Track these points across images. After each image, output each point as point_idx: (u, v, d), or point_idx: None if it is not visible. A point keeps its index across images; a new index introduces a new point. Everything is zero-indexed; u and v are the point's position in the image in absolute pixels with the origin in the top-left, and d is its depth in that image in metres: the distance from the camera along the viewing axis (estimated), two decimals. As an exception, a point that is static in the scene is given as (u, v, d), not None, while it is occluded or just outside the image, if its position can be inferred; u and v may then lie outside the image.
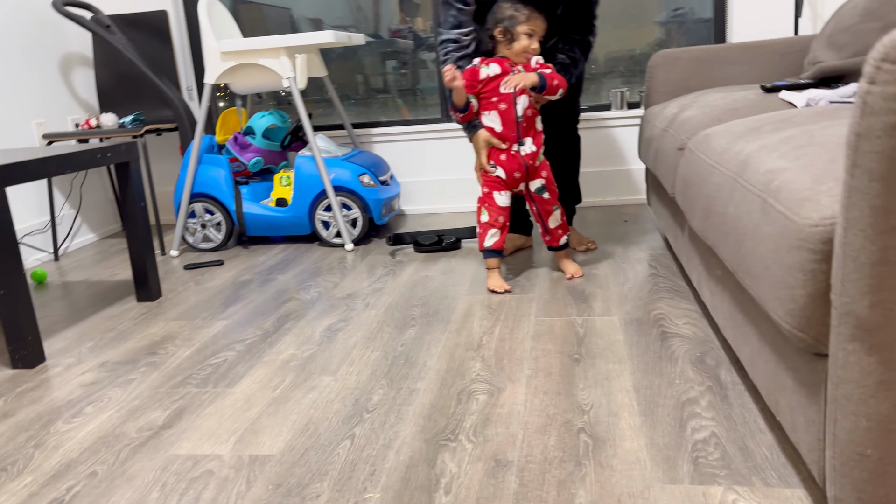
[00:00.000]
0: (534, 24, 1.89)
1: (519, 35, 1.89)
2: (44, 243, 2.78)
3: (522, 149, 1.94)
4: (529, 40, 1.89)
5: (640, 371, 1.39)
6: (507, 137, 1.93)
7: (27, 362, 1.66)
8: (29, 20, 2.76)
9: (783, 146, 1.05)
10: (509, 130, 1.92)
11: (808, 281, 0.79)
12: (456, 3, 1.96)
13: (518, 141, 1.93)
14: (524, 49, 1.90)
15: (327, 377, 1.49)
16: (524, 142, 1.94)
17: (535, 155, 1.95)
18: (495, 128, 1.93)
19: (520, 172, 1.96)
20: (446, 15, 1.98)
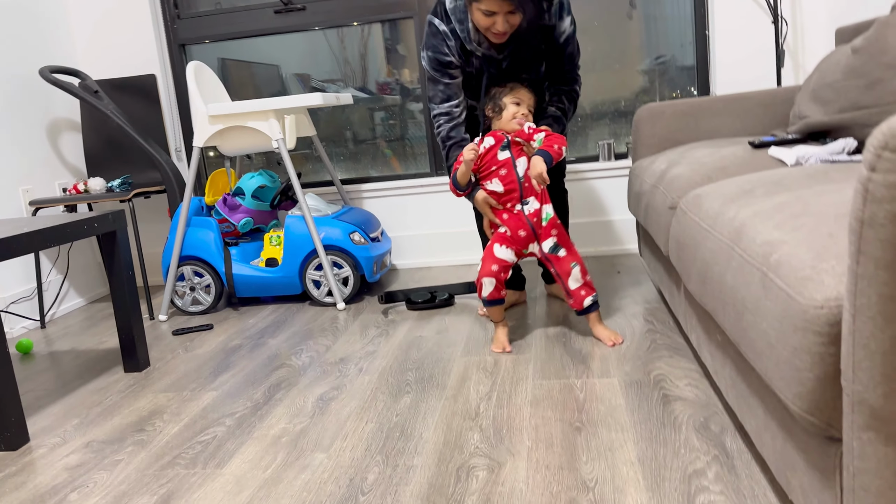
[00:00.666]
0: (517, 93, 1.93)
1: (505, 104, 1.93)
2: (30, 311, 2.73)
3: (526, 208, 1.93)
4: (517, 108, 1.92)
5: (643, 440, 1.35)
6: (510, 199, 1.93)
7: (10, 444, 1.60)
8: (15, 86, 2.77)
9: (778, 214, 1.04)
10: (512, 192, 1.92)
11: (815, 364, 0.77)
12: (442, 79, 1.99)
13: (521, 201, 1.93)
14: (512, 115, 1.92)
15: (320, 454, 1.44)
16: (527, 201, 1.93)
17: (539, 213, 1.93)
18: (497, 190, 1.93)
19: (524, 231, 1.94)
20: (435, 90, 2.01)
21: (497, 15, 1.78)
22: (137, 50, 3.11)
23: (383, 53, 3.16)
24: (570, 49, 1.99)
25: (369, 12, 3.04)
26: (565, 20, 1.93)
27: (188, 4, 3.17)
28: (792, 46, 2.72)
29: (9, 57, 2.74)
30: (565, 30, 1.94)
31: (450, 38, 1.94)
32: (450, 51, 1.95)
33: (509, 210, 1.94)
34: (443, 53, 1.95)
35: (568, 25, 1.94)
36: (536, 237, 1.94)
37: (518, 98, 1.93)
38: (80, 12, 3.10)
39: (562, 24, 1.93)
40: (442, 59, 1.96)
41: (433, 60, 1.97)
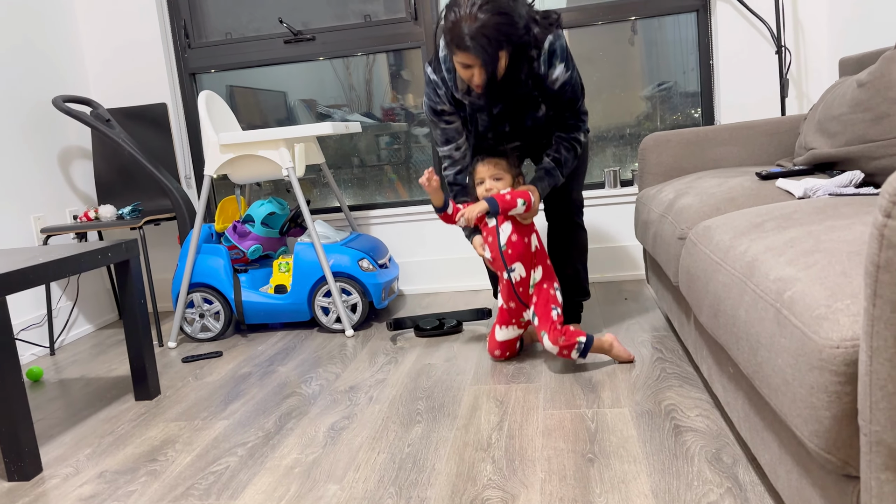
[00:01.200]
0: (479, 172, 1.98)
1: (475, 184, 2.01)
2: (40, 337, 2.74)
3: (512, 275, 1.96)
4: (481, 186, 1.98)
5: (656, 472, 1.36)
6: (497, 267, 1.98)
7: (23, 475, 1.61)
8: (28, 115, 2.81)
9: (790, 250, 1.06)
10: (496, 259, 1.97)
11: (832, 403, 0.78)
12: (439, 124, 2.02)
13: (505, 268, 1.96)
14: (483, 196, 1.98)
15: (333, 485, 1.44)
16: (513, 268, 1.95)
17: (525, 282, 1.96)
18: (488, 257, 2.01)
19: (514, 303, 1.99)
20: (435, 134, 2.06)
21: (473, 67, 1.78)
22: (149, 79, 3.15)
23: (388, 80, 3.21)
24: (568, 95, 1.94)
25: (378, 42, 3.08)
26: (557, 68, 1.87)
27: (198, 34, 3.23)
28: (795, 76, 2.76)
29: (24, 86, 2.79)
30: (558, 77, 1.88)
31: (440, 86, 1.96)
32: (440, 99, 1.97)
33: (501, 279, 1.99)
34: (435, 102, 1.99)
35: (562, 73, 1.88)
36: (526, 305, 1.99)
37: (482, 176, 1.98)
38: (92, 42, 3.16)
39: (553, 72, 1.87)
40: (435, 108, 2.00)
41: (428, 108, 2.02)
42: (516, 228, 1.94)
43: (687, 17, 2.92)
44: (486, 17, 1.67)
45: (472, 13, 1.68)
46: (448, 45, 1.77)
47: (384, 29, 3.07)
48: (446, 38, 1.75)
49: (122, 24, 3.12)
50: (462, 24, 1.69)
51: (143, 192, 3.05)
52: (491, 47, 1.70)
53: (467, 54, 1.73)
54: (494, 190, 1.96)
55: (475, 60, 1.74)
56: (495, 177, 1.97)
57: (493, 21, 1.67)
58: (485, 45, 1.69)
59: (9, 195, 2.67)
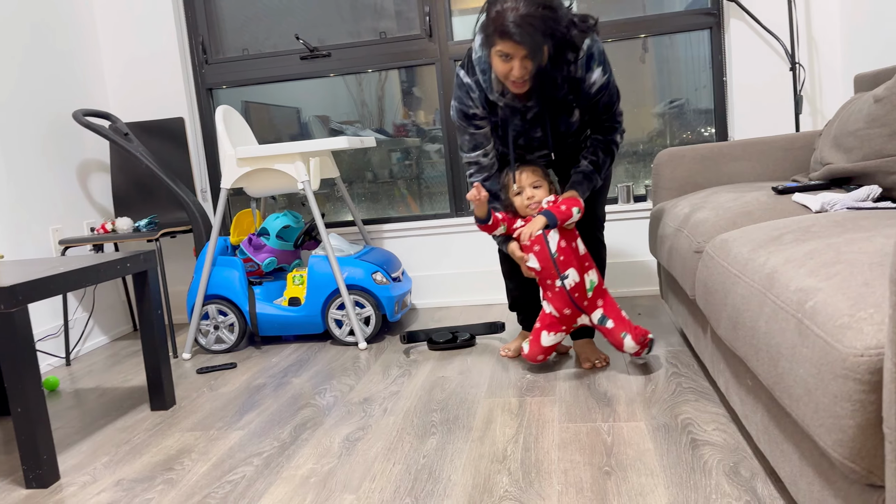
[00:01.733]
0: (523, 179, 2.00)
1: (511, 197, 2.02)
2: (56, 348, 2.76)
3: (566, 282, 1.94)
4: (520, 197, 2.00)
5: (674, 485, 1.35)
6: (548, 276, 1.96)
7: (41, 482, 1.62)
8: (48, 129, 2.85)
9: (810, 262, 1.06)
10: (547, 268, 1.95)
11: (856, 411, 0.78)
12: (468, 129, 2.00)
13: (559, 276, 1.94)
14: (521, 207, 2.00)
15: (349, 495, 1.45)
16: (566, 275, 1.94)
17: (581, 286, 1.95)
18: (536, 268, 1.97)
19: (570, 309, 1.98)
20: (462, 139, 2.04)
21: (513, 59, 1.77)
22: (166, 94, 3.20)
23: (400, 96, 3.24)
24: (605, 99, 1.95)
25: (393, 59, 3.12)
26: (595, 71, 1.87)
27: (216, 50, 3.27)
28: (809, 92, 2.77)
29: (44, 100, 2.83)
30: (595, 81, 1.88)
31: (473, 90, 1.95)
32: (473, 102, 1.96)
33: (551, 287, 1.97)
34: (467, 105, 1.97)
35: (599, 76, 1.88)
36: (583, 311, 1.98)
37: (521, 184, 1.99)
38: (112, 57, 3.21)
39: (591, 76, 1.88)
40: (467, 112, 1.98)
41: (459, 112, 1.99)
42: (563, 234, 1.94)
43: (699, 35, 2.94)
44: (532, 8, 1.69)
45: (517, 4, 1.70)
46: (489, 37, 1.76)
47: (399, 46, 3.10)
48: (489, 29, 1.75)
49: (141, 39, 3.18)
50: (507, 13, 1.70)
51: (159, 204, 3.08)
52: (536, 35, 1.70)
53: (511, 42, 1.72)
54: (536, 198, 1.97)
55: (518, 49, 1.73)
56: (535, 184, 1.98)
57: (539, 12, 1.69)
58: (530, 32, 1.69)
59: (28, 207, 2.70)
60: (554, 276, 1.95)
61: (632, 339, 1.94)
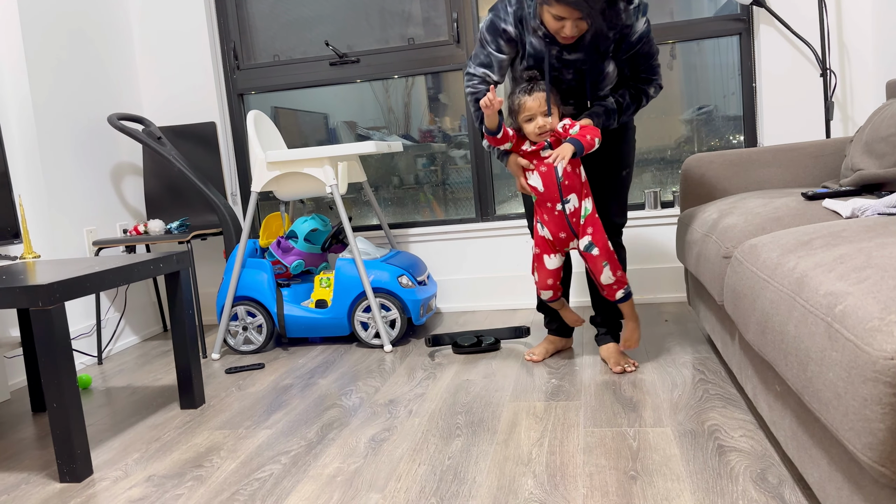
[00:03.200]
0: (533, 105, 1.91)
1: (521, 122, 1.96)
2: (88, 347, 2.82)
3: (567, 206, 1.97)
4: (531, 123, 1.93)
5: (700, 490, 1.35)
6: (550, 198, 1.98)
7: (75, 476, 1.66)
8: (84, 132, 2.92)
9: (840, 266, 1.05)
10: (551, 191, 1.97)
11: (886, 415, 0.77)
12: (490, 45, 1.96)
13: (561, 200, 1.97)
14: (531, 133, 1.95)
15: (375, 495, 1.46)
16: (568, 199, 1.97)
17: (578, 212, 1.98)
18: (538, 187, 1.99)
19: (564, 232, 2.00)
20: (479, 51, 1.99)
21: (566, 20, 1.74)
22: (199, 99, 3.26)
23: (426, 102, 3.26)
24: (644, 49, 1.93)
25: (421, 65, 3.15)
26: (640, 21, 1.87)
27: (247, 56, 3.33)
28: (840, 99, 2.73)
29: (80, 105, 2.91)
30: (639, 30, 1.88)
31: (512, 3, 1.90)
32: (508, 16, 1.90)
33: (549, 210, 1.99)
34: (501, 18, 1.91)
35: (642, 26, 1.88)
36: (576, 235, 2.00)
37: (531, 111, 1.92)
38: (146, 63, 3.28)
39: (637, 24, 1.87)
40: (497, 25, 1.92)
41: (489, 23, 1.93)
42: (570, 160, 1.92)
43: (728, 41, 2.92)
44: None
45: None
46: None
47: (427, 52, 3.13)
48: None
49: (175, 46, 3.24)
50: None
51: (190, 207, 3.13)
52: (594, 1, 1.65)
53: (567, 8, 1.69)
54: (547, 126, 1.92)
55: (574, 14, 1.70)
56: (545, 112, 1.93)
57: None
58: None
59: (64, 208, 2.77)
60: (556, 200, 1.96)
61: (610, 270, 1.98)
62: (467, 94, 2.06)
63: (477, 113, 2.04)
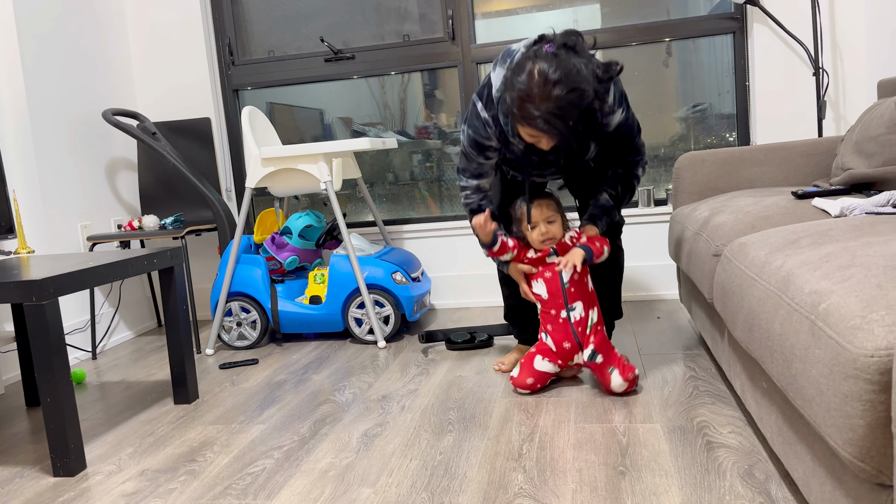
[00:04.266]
0: (538, 214, 1.88)
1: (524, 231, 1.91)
2: (82, 342, 2.83)
3: (572, 315, 1.87)
4: (535, 230, 1.89)
5: (688, 486, 1.36)
6: (554, 305, 1.89)
7: (68, 470, 1.67)
8: (78, 127, 2.92)
9: (825, 264, 1.07)
10: (556, 298, 1.88)
11: (866, 411, 0.79)
12: (477, 158, 1.91)
13: (566, 307, 1.88)
14: (535, 241, 1.90)
15: (367, 489, 1.47)
16: (574, 307, 1.87)
17: (584, 322, 1.88)
18: (542, 295, 1.90)
19: (569, 343, 1.88)
20: (467, 165, 1.94)
21: (542, 136, 1.69)
22: (194, 94, 3.26)
23: (422, 98, 3.27)
24: (625, 132, 1.86)
25: (416, 61, 3.15)
26: (616, 115, 1.80)
27: (242, 52, 3.33)
28: (833, 98, 2.75)
29: (75, 100, 2.90)
30: (615, 122, 1.81)
31: (490, 125, 1.84)
32: (489, 135, 1.86)
33: (553, 318, 1.89)
34: (482, 137, 1.86)
35: (619, 116, 1.81)
36: (580, 346, 1.89)
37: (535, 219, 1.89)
38: (141, 58, 3.28)
39: (612, 119, 1.80)
40: (482, 143, 1.88)
41: (472, 140, 1.88)
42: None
43: (723, 39, 2.94)
44: (559, 95, 1.56)
45: (545, 92, 1.56)
46: (513, 117, 1.67)
47: (422, 48, 3.14)
48: (513, 108, 1.64)
49: (170, 41, 3.24)
50: (533, 102, 1.59)
51: (185, 203, 3.14)
52: (563, 123, 1.59)
53: (536, 131, 1.65)
54: (550, 233, 1.89)
55: (545, 137, 1.68)
56: (549, 220, 1.90)
57: (567, 99, 1.56)
58: (558, 125, 1.59)
59: (58, 203, 2.78)
60: (560, 307, 1.88)
61: (619, 375, 1.84)
62: (464, 205, 2.02)
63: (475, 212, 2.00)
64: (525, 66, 1.60)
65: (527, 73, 1.59)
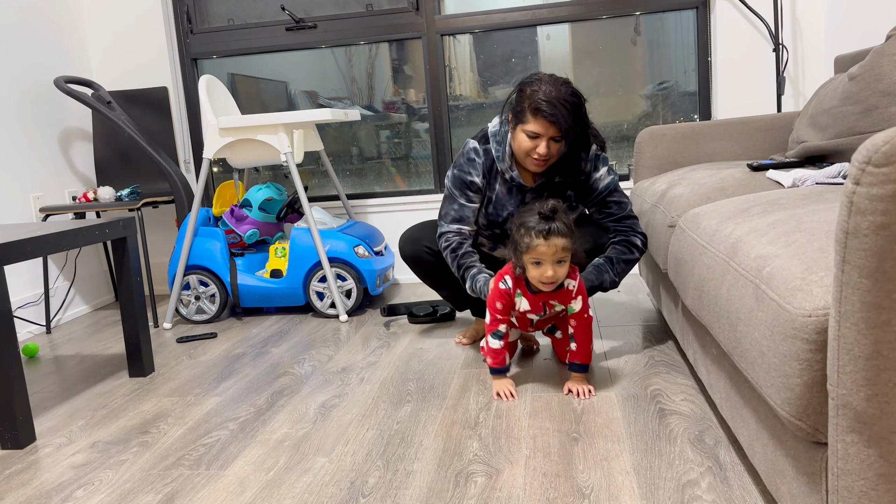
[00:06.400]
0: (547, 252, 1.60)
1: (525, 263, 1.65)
2: (36, 316, 2.76)
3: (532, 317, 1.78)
4: (539, 269, 1.62)
5: (639, 451, 1.38)
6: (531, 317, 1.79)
7: (17, 443, 1.63)
8: (30, 95, 2.83)
9: (772, 231, 1.08)
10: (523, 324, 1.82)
11: (803, 370, 0.80)
12: (459, 199, 1.95)
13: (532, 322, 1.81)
14: (534, 278, 1.65)
15: (322, 458, 1.47)
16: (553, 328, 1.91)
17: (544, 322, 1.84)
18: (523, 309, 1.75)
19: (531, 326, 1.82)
20: (448, 209, 1.97)
21: (541, 138, 1.78)
22: (150, 62, 3.17)
23: (390, 73, 3.23)
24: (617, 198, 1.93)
25: (379, 32, 3.11)
26: (601, 170, 1.92)
27: (201, 20, 3.25)
28: (792, 74, 2.78)
29: (25, 66, 2.81)
30: (602, 177, 1.92)
31: (480, 155, 1.92)
32: (475, 169, 1.92)
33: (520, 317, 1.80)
34: (467, 172, 1.92)
35: (606, 174, 1.92)
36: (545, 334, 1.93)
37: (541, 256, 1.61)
38: (95, 24, 3.18)
39: (597, 173, 1.92)
40: (465, 178, 1.93)
41: (456, 178, 1.94)
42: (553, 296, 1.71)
43: (688, 16, 2.94)
44: (569, 94, 1.76)
45: (557, 88, 1.76)
46: (520, 115, 1.79)
47: (386, 19, 3.09)
48: (525, 103, 1.77)
49: (126, 6, 3.14)
50: (542, 94, 1.75)
51: (141, 174, 3.07)
52: (571, 119, 1.75)
53: (544, 121, 1.75)
54: (555, 277, 1.61)
55: (552, 128, 1.76)
56: (559, 259, 1.62)
57: (575, 100, 1.77)
58: (566, 116, 1.74)
59: (9, 174, 2.69)
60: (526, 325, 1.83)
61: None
62: (442, 248, 1.98)
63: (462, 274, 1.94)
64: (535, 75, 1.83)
65: (538, 76, 1.81)
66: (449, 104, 3.16)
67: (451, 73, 3.15)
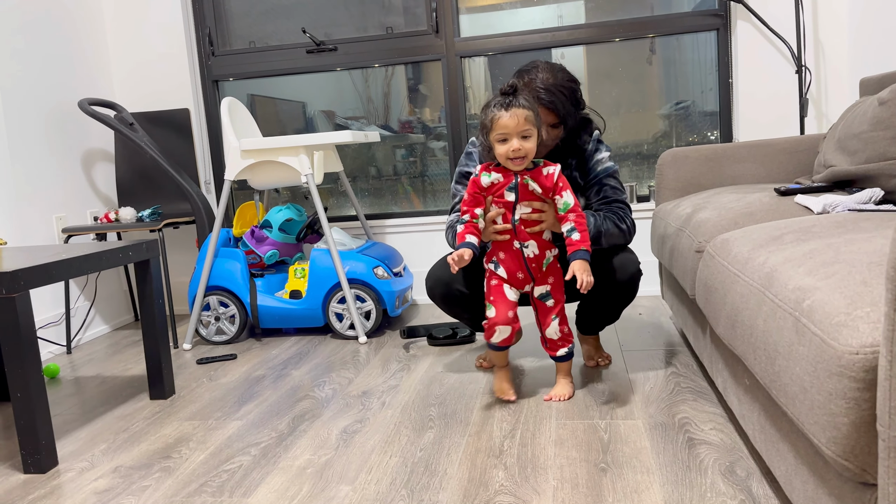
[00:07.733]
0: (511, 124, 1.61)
1: (493, 142, 1.66)
2: (57, 336, 2.77)
3: (526, 251, 1.76)
4: (505, 145, 1.63)
5: (669, 483, 1.35)
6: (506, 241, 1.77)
7: (39, 467, 1.62)
8: (54, 117, 2.86)
9: (809, 261, 1.06)
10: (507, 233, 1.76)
11: (851, 409, 0.78)
12: (462, 192, 1.93)
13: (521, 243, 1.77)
14: (501, 156, 1.66)
15: (345, 486, 1.45)
16: (527, 245, 1.76)
17: (540, 258, 1.78)
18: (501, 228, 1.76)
19: (522, 273, 1.78)
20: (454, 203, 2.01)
21: (511, 139, 1.64)
22: (172, 85, 3.20)
23: (406, 93, 3.24)
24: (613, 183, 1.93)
25: (399, 54, 3.12)
26: (602, 153, 1.94)
27: (223, 42, 3.28)
28: (815, 95, 2.76)
29: (50, 89, 2.84)
30: (602, 160, 1.93)
31: (476, 146, 1.99)
32: (473, 161, 2.00)
33: (507, 247, 1.77)
34: (466, 165, 2.01)
35: (606, 159, 1.94)
36: (533, 279, 1.80)
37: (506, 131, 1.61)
38: (119, 47, 3.22)
39: (598, 155, 1.94)
40: (465, 171, 2.00)
41: (458, 173, 2.02)
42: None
43: (706, 37, 2.94)
44: (562, 78, 1.80)
45: (548, 75, 1.79)
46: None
47: (406, 41, 3.11)
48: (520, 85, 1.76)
49: (149, 30, 3.18)
50: (537, 81, 1.78)
51: (163, 195, 3.09)
52: (566, 102, 1.79)
53: (541, 108, 1.78)
54: (522, 152, 1.62)
55: (548, 115, 1.80)
56: (524, 133, 1.62)
57: (569, 85, 1.81)
58: (561, 100, 1.78)
59: (32, 194, 2.71)
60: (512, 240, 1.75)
61: (557, 324, 1.79)
62: (447, 237, 2.01)
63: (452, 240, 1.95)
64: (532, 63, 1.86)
65: (533, 63, 1.85)
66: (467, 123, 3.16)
67: (467, 93, 3.16)
